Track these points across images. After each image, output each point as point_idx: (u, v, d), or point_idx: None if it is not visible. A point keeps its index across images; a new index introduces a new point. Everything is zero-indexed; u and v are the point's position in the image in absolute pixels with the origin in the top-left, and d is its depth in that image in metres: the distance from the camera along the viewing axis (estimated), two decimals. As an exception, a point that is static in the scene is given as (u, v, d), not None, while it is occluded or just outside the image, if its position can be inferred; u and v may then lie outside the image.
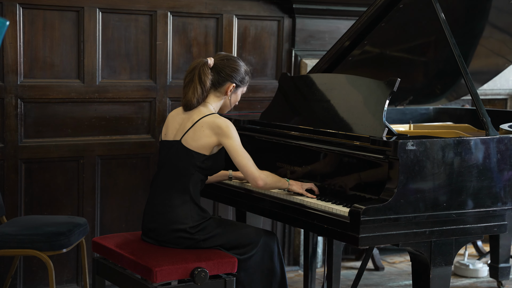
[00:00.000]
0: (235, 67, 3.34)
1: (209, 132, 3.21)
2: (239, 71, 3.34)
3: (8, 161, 4.08)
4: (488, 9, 3.95)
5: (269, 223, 4.81)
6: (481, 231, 3.14)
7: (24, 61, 4.08)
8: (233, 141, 3.21)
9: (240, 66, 3.36)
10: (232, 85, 3.33)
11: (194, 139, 3.22)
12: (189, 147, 3.23)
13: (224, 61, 3.33)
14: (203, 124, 3.22)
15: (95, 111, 4.29)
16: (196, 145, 3.22)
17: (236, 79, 3.34)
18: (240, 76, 3.35)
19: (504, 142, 3.17)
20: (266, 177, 3.25)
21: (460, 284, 4.70)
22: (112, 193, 4.38)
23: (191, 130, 3.24)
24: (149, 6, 4.35)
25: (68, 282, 4.31)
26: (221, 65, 3.32)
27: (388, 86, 3.27)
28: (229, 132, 3.21)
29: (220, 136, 3.21)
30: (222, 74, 3.31)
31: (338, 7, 4.83)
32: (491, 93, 5.65)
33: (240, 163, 3.22)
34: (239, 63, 3.36)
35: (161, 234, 3.22)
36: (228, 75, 3.32)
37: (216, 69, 3.32)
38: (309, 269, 3.91)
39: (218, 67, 3.32)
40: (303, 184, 3.33)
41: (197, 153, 3.22)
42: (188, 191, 3.22)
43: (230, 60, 3.35)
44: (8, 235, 3.51)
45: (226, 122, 3.22)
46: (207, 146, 3.22)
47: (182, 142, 3.24)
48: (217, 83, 3.32)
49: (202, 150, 3.22)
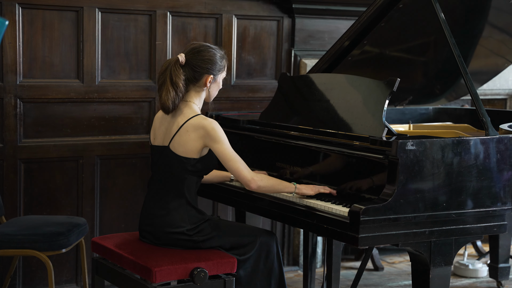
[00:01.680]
0: (208, 58, 3.21)
1: (195, 136, 3.14)
2: (212, 61, 3.21)
3: (7, 161, 4.08)
4: (487, 9, 3.95)
5: (269, 223, 4.81)
6: (481, 231, 3.14)
7: (24, 61, 4.08)
8: (221, 145, 3.13)
9: (212, 55, 3.22)
10: (210, 76, 3.21)
11: (181, 144, 3.15)
12: (177, 153, 3.16)
13: (195, 55, 3.20)
14: (188, 128, 3.14)
15: (95, 111, 4.29)
16: (184, 150, 3.15)
17: (213, 70, 3.21)
18: (215, 65, 3.22)
19: (503, 142, 3.17)
20: (260, 180, 3.18)
21: (459, 284, 4.69)
22: (112, 193, 4.38)
23: (177, 135, 3.16)
24: (148, 6, 4.35)
25: (67, 282, 4.31)
26: (193, 60, 3.20)
27: (387, 86, 3.26)
28: (216, 135, 3.12)
29: (206, 139, 3.13)
30: (197, 68, 3.19)
31: (338, 7, 4.83)
32: (491, 93, 5.65)
33: (231, 168, 3.16)
34: (211, 52, 3.22)
35: (157, 237, 3.21)
36: (202, 68, 3.20)
37: (189, 65, 3.19)
38: (308, 269, 3.91)
39: (191, 62, 3.19)
40: (315, 187, 3.24)
41: (186, 158, 3.15)
42: (183, 194, 3.18)
43: (201, 52, 3.21)
44: (8, 235, 3.51)
45: (212, 123, 3.13)
46: (195, 150, 3.15)
47: (171, 148, 3.17)
48: (193, 78, 3.20)
49: (191, 154, 3.15)
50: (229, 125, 3.84)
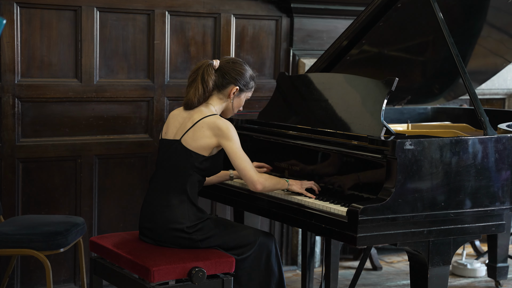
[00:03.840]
0: (240, 71, 3.33)
1: (209, 133, 3.20)
2: (243, 75, 3.33)
3: (5, 160, 4.08)
4: (486, 9, 3.95)
5: (267, 222, 4.81)
6: (479, 231, 3.14)
7: (22, 60, 4.08)
8: (233, 144, 3.20)
9: (245, 71, 3.35)
10: (236, 88, 3.32)
11: (194, 139, 3.22)
12: (188, 147, 3.22)
13: (230, 64, 3.33)
14: (203, 125, 3.22)
15: (93, 111, 4.28)
16: (195, 145, 3.21)
17: (240, 83, 3.32)
18: (244, 80, 3.33)
19: (502, 141, 3.17)
20: (265, 181, 3.24)
21: (458, 284, 4.69)
22: (110, 192, 4.37)
23: (191, 130, 3.23)
24: (147, 5, 4.34)
25: (65, 281, 4.30)
26: (226, 68, 3.31)
27: (386, 85, 3.26)
28: (229, 134, 3.20)
29: (220, 137, 3.20)
30: (227, 76, 3.30)
31: (336, 6, 4.83)
32: (489, 93, 5.65)
33: (239, 166, 3.21)
34: (245, 68, 3.36)
35: (158, 234, 3.21)
36: (232, 77, 3.30)
37: (221, 71, 3.31)
38: (307, 269, 3.90)
39: (223, 69, 3.31)
40: (303, 183, 3.32)
41: (196, 154, 3.21)
42: (185, 191, 3.21)
43: (236, 64, 3.34)
44: (6, 234, 3.50)
45: (227, 123, 3.21)
46: (207, 147, 3.21)
47: (182, 142, 3.23)
48: (220, 85, 3.31)
49: (201, 151, 3.21)
50: (227, 125, 3.83)
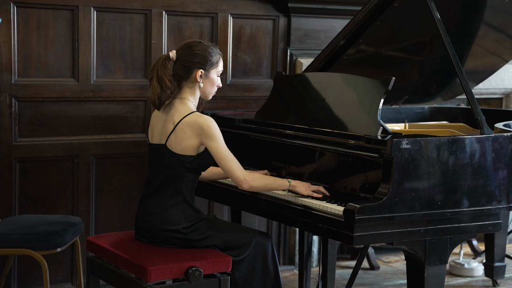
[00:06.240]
0: (197, 53, 3.20)
1: (191, 133, 3.14)
2: (202, 55, 3.20)
3: (2, 160, 4.07)
4: (483, 8, 3.95)
5: (265, 222, 4.81)
6: (476, 230, 3.14)
7: (18, 60, 4.07)
8: (216, 143, 3.13)
9: (202, 50, 3.21)
10: (200, 71, 3.20)
11: (177, 142, 3.16)
12: (174, 151, 3.16)
13: (186, 50, 3.21)
14: (183, 126, 3.14)
15: (90, 110, 4.28)
16: (180, 148, 3.16)
17: (203, 64, 3.21)
18: (205, 60, 3.21)
19: (498, 140, 3.17)
20: (252, 180, 3.17)
21: (455, 283, 4.70)
22: (107, 192, 4.37)
23: (173, 133, 3.16)
24: (144, 5, 4.34)
25: (62, 281, 4.30)
26: (182, 56, 3.21)
27: (383, 85, 3.27)
28: (212, 132, 3.13)
29: (202, 136, 3.13)
30: (186, 63, 3.20)
31: (333, 6, 4.83)
32: (486, 93, 5.65)
33: (225, 167, 3.16)
34: (202, 47, 3.22)
35: (153, 235, 3.20)
36: (191, 62, 3.19)
37: (179, 60, 3.21)
38: (304, 269, 3.91)
39: (181, 58, 3.21)
40: (310, 186, 3.24)
41: (183, 156, 3.16)
42: (181, 192, 3.19)
43: (191, 47, 3.22)
44: (2, 234, 3.50)
45: (207, 121, 3.13)
46: (191, 147, 3.16)
47: (167, 146, 3.18)
48: (184, 74, 3.21)
49: (187, 152, 3.16)
50: (224, 124, 3.83)
